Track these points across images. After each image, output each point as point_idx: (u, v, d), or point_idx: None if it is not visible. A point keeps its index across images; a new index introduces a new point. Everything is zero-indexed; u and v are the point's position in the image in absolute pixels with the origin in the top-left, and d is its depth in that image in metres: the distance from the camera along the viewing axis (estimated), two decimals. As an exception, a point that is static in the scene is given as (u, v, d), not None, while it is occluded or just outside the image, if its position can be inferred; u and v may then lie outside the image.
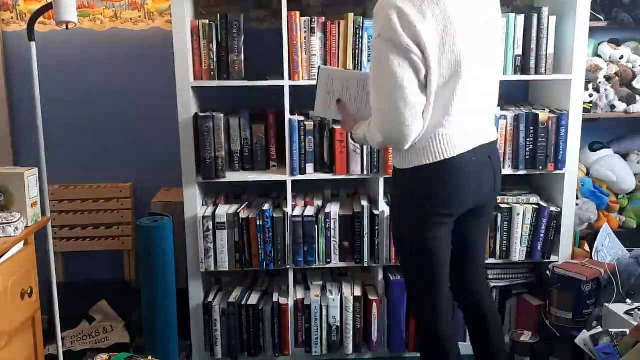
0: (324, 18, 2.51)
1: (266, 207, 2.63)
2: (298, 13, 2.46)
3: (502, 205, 2.70)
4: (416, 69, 1.71)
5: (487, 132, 1.94)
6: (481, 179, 1.90)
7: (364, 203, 2.64)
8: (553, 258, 2.71)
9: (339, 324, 2.69)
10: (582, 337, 2.28)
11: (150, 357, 1.96)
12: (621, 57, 2.85)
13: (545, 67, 2.62)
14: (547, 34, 2.59)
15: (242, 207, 2.65)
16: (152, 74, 2.85)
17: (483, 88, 1.89)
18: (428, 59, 1.70)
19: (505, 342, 2.23)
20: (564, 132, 2.60)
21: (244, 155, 2.66)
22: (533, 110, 2.65)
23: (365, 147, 2.56)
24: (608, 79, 2.82)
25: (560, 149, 2.61)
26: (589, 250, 2.75)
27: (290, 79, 2.49)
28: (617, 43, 2.90)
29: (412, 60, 1.70)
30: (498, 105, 2.72)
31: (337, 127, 2.56)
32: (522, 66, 2.62)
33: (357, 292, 2.70)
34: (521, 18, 2.60)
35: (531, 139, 2.62)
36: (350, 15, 2.49)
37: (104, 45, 2.86)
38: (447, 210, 1.86)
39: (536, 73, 2.63)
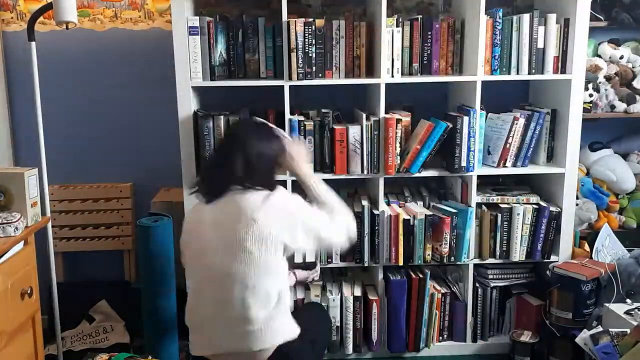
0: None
1: (266, 207, 2.63)
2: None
3: (502, 205, 2.69)
4: None
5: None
6: None
7: (364, 203, 2.64)
8: (553, 258, 2.71)
9: (339, 324, 2.68)
10: (582, 337, 2.28)
11: (150, 357, 1.96)
12: (621, 57, 2.85)
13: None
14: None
15: (242, 207, 2.65)
16: (152, 74, 2.85)
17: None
18: None
19: None
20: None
21: (244, 155, 2.65)
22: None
23: (365, 147, 2.57)
24: (608, 79, 2.82)
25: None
26: (589, 250, 2.75)
27: (289, 79, 2.49)
28: (617, 43, 2.89)
29: None
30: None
31: (337, 127, 2.56)
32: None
33: (357, 292, 2.70)
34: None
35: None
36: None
37: (104, 45, 2.86)
38: None
39: (536, 73, 2.64)
